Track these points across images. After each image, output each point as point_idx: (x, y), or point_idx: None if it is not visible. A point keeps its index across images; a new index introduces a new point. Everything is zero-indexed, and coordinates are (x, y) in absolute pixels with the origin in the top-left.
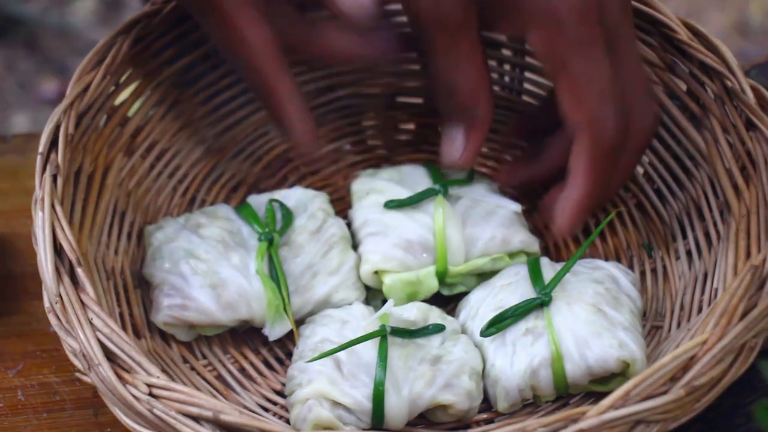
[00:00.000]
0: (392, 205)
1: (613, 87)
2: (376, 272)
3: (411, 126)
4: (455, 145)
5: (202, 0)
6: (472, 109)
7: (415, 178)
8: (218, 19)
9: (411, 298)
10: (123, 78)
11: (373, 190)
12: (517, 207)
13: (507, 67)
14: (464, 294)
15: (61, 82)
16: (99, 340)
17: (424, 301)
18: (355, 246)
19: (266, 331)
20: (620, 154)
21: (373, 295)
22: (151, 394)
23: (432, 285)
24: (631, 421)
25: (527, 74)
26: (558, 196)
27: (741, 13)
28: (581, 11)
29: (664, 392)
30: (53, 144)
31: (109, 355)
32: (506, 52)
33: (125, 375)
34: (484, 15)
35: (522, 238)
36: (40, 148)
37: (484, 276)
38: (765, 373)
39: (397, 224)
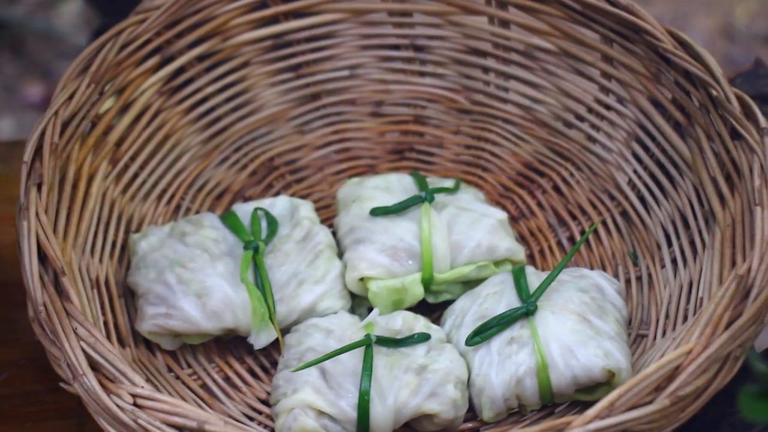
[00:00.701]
0: (378, 212)
1: None
2: (361, 279)
3: (397, 135)
4: None
5: None
6: None
7: (401, 186)
8: None
9: (396, 305)
10: (108, 86)
11: (360, 197)
12: (502, 215)
13: (492, 75)
14: (450, 302)
15: (46, 86)
16: (83, 350)
17: (410, 308)
18: (340, 253)
19: (251, 340)
20: None
21: (359, 303)
22: (135, 404)
23: (417, 292)
24: (617, 431)
25: (512, 83)
26: None
27: (727, 17)
28: None
29: (649, 402)
30: (37, 152)
31: (94, 365)
32: (491, 61)
33: (109, 385)
34: None
35: (508, 245)
36: (25, 157)
37: (469, 284)
38: (754, 364)
39: (383, 231)
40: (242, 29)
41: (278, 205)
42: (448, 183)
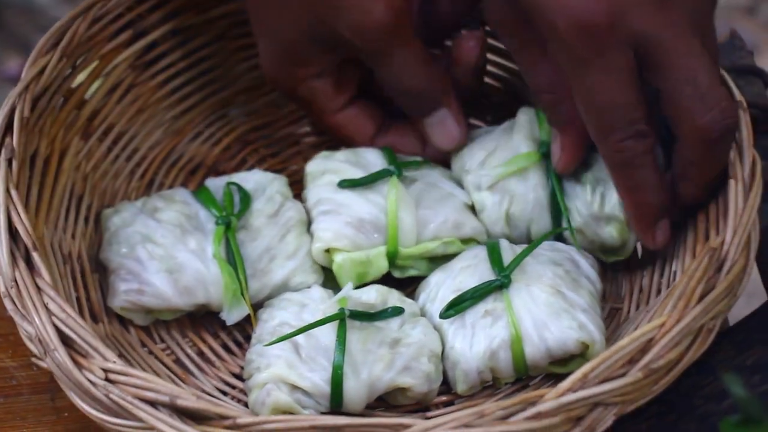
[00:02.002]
0: (346, 184)
1: (624, 99)
2: (327, 251)
3: None
4: (554, 149)
5: None
6: (558, 108)
7: (370, 160)
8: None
9: (360, 278)
10: (79, 60)
11: (329, 170)
12: (467, 198)
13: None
14: (416, 278)
15: (25, 59)
16: (55, 325)
17: (377, 282)
18: (308, 225)
19: (224, 316)
20: (647, 160)
21: (331, 278)
22: (107, 379)
23: (382, 266)
24: (589, 404)
25: (489, 55)
26: None
27: None
28: (585, 28)
29: (622, 375)
30: (8, 128)
31: (65, 340)
32: None
33: (81, 360)
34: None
35: (473, 225)
36: None
37: (435, 260)
38: (732, 388)
39: (350, 203)
40: (215, 3)
41: (251, 179)
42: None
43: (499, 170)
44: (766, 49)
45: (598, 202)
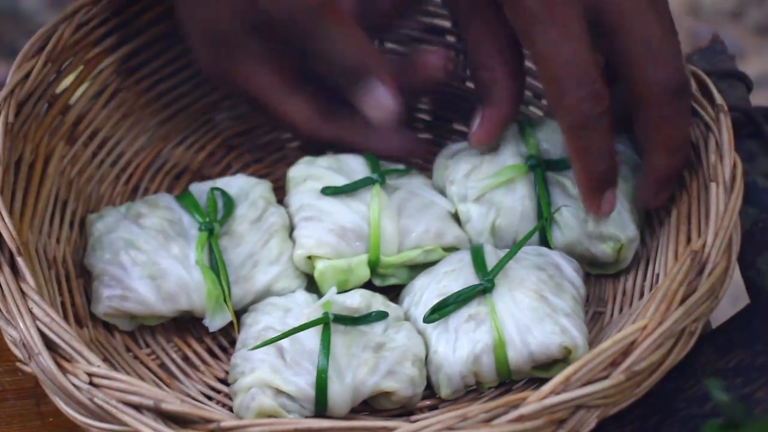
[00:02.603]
0: (329, 191)
1: (579, 57)
2: (309, 258)
3: None
4: (473, 122)
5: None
6: (491, 89)
7: (353, 167)
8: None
9: (342, 286)
10: (64, 65)
11: (311, 176)
12: (451, 207)
13: (452, 53)
14: (397, 286)
15: (10, 64)
16: (39, 329)
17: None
18: (291, 231)
19: (206, 322)
20: (602, 123)
21: (314, 283)
22: (91, 383)
23: (363, 274)
24: (572, 406)
25: None
26: None
27: None
28: None
29: (605, 377)
30: None
31: (49, 345)
32: (451, 39)
33: (65, 364)
34: None
35: (456, 233)
36: None
37: (416, 268)
38: (714, 393)
39: (333, 210)
40: None
41: (235, 184)
42: (400, 165)
43: (488, 182)
44: (753, 54)
45: (592, 221)
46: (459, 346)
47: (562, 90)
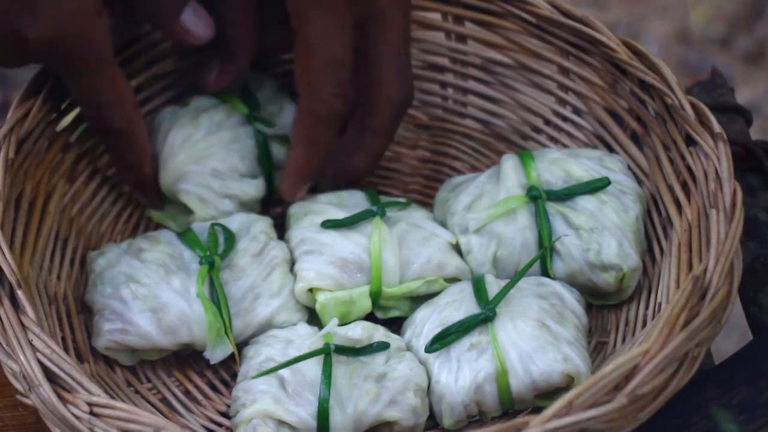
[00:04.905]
0: (329, 224)
1: (342, 58)
2: (310, 290)
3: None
4: (210, 71)
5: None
6: (230, 41)
7: (353, 201)
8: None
9: (344, 318)
10: (64, 104)
11: (311, 211)
12: (452, 238)
13: (450, 90)
14: (398, 318)
15: (3, 92)
16: (39, 361)
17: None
18: (291, 265)
19: (207, 355)
20: (339, 122)
21: (315, 317)
22: (92, 413)
23: (365, 305)
24: (575, 430)
25: (471, 97)
26: None
27: (682, 20)
28: None
29: (608, 401)
30: None
31: (50, 376)
32: (448, 76)
33: (66, 394)
34: None
35: (457, 264)
36: None
37: (418, 300)
38: (721, 422)
39: (333, 243)
40: (195, 50)
41: (236, 220)
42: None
43: (489, 212)
44: (742, 82)
45: (594, 251)
46: (461, 375)
47: (319, 81)
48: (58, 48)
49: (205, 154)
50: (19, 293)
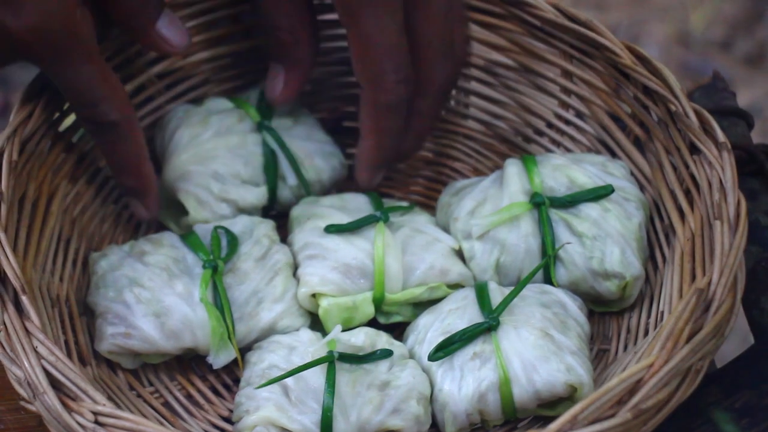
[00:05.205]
0: (333, 229)
1: (399, 44)
2: (313, 296)
3: (355, 150)
4: (277, 81)
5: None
6: (292, 48)
7: (356, 205)
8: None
9: (346, 323)
10: (66, 105)
11: (314, 215)
12: (455, 244)
13: (453, 92)
14: (401, 324)
15: (4, 93)
16: (44, 368)
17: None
18: (294, 269)
19: (210, 360)
20: (405, 107)
21: (318, 321)
22: (96, 422)
23: (368, 311)
24: None
25: (473, 99)
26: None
27: (683, 23)
28: None
29: (612, 415)
30: None
31: (55, 383)
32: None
33: (70, 403)
34: None
35: (460, 270)
36: None
37: (420, 306)
38: (722, 425)
39: (337, 248)
40: (201, 47)
41: (239, 223)
42: (404, 204)
43: (492, 218)
44: (742, 85)
45: (597, 258)
46: (464, 384)
47: (382, 71)
48: (43, 41)
49: (209, 156)
50: (24, 299)
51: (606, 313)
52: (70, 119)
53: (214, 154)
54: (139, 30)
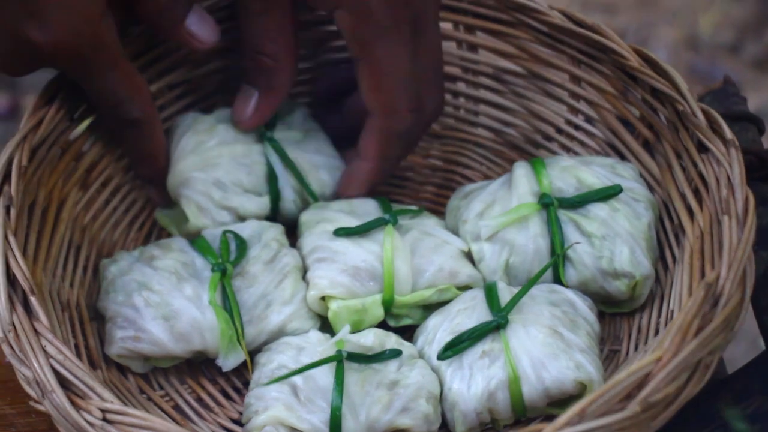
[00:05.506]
0: (342, 232)
1: (412, 73)
2: (322, 298)
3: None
4: (248, 105)
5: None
6: (273, 74)
7: (365, 209)
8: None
9: (356, 326)
10: (78, 112)
11: (324, 219)
12: (464, 246)
13: (462, 99)
14: (410, 327)
15: (11, 96)
16: (52, 367)
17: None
18: (304, 273)
19: (220, 362)
20: (414, 136)
21: (327, 324)
22: (105, 419)
23: (377, 314)
24: None
25: (482, 106)
26: (350, 162)
27: (691, 27)
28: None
29: (621, 409)
30: (6, 176)
31: (63, 382)
32: (460, 85)
33: (79, 401)
34: None
35: (469, 272)
36: None
37: (430, 308)
38: (734, 424)
39: (346, 251)
40: (208, 59)
41: (248, 227)
42: (413, 208)
43: (501, 219)
44: (751, 88)
45: (607, 258)
46: (473, 382)
47: (396, 101)
48: (69, 51)
49: (212, 163)
50: (33, 299)
51: (616, 314)
52: (82, 126)
53: (218, 161)
54: (168, 27)
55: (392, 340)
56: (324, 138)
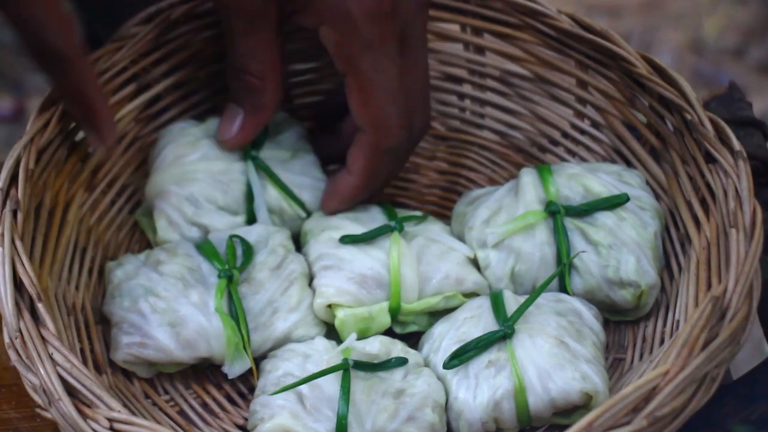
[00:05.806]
0: (348, 240)
1: (400, 89)
2: (329, 306)
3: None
4: (233, 124)
5: None
6: (259, 94)
7: (370, 216)
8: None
9: (363, 333)
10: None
11: (329, 227)
12: (470, 252)
13: (468, 102)
14: (417, 333)
15: (16, 99)
16: (59, 375)
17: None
18: (310, 280)
19: (226, 369)
20: (403, 152)
21: (333, 331)
22: (112, 429)
23: (384, 321)
24: None
25: (488, 109)
26: (336, 175)
27: (696, 31)
28: (375, 14)
29: (627, 423)
30: (13, 179)
31: (70, 390)
32: (467, 88)
33: (86, 410)
34: (284, 7)
35: (476, 279)
36: (0, 184)
37: (437, 315)
38: None
39: (352, 258)
40: (215, 58)
41: (254, 231)
42: (418, 214)
43: (507, 227)
44: (755, 92)
45: (613, 267)
46: (479, 392)
47: (386, 116)
48: None
49: (189, 178)
50: (40, 306)
51: (621, 322)
52: None
53: (195, 177)
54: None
55: (398, 348)
56: (312, 159)
